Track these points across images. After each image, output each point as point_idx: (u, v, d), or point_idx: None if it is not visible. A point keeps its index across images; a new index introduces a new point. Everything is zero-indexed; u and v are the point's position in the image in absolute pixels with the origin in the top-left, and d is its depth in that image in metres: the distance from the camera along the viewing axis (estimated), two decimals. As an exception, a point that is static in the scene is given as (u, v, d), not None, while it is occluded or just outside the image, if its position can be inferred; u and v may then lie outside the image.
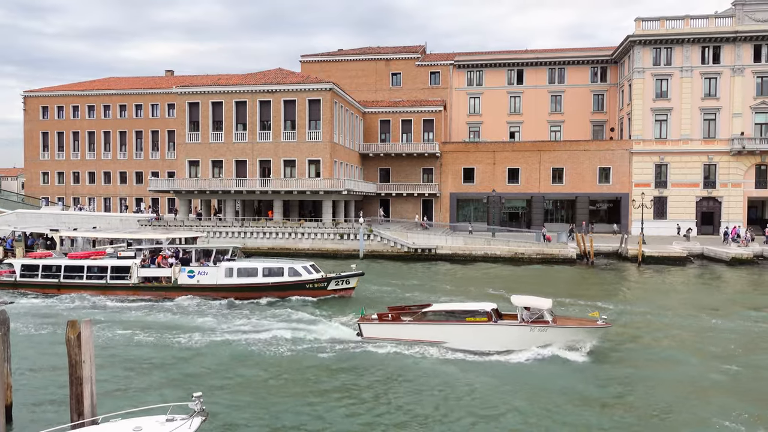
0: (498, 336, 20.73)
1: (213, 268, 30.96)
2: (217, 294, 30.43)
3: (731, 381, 17.92)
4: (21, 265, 33.19)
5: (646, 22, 58.23)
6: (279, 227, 51.40)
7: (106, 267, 31.81)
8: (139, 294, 31.16)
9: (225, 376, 18.30)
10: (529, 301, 21.30)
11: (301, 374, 18.52)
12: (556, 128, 67.44)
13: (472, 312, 21.28)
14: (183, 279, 31.04)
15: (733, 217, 56.81)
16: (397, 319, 22.23)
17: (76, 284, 31.86)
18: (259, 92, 54.15)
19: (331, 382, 17.76)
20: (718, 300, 31.29)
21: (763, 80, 56.82)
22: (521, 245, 47.95)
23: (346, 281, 31.37)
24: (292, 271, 30.74)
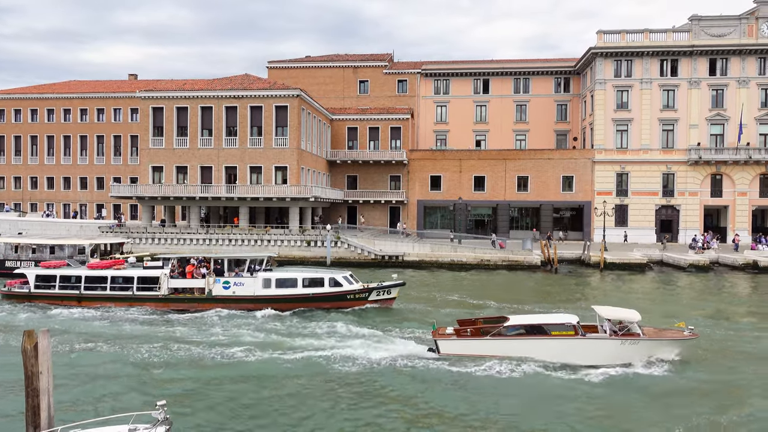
0: (587, 350, 19.73)
1: (250, 279, 29.69)
2: (254, 306, 29.20)
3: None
4: (35, 275, 31.32)
5: (607, 34, 59.82)
6: (245, 234, 50.85)
7: (132, 277, 30.33)
8: (169, 306, 29.72)
9: (306, 401, 16.93)
10: (617, 313, 20.35)
11: (390, 397, 17.22)
12: (521, 137, 68.57)
13: (557, 325, 20.29)
14: (218, 290, 29.67)
15: (690, 224, 58.60)
16: (476, 335, 20.94)
17: (98, 296, 30.26)
18: (226, 98, 53.61)
19: (422, 406, 16.52)
20: (677, 305, 32.20)
21: (718, 93, 58.91)
22: (487, 252, 48.49)
23: (387, 291, 30.51)
24: (333, 281, 29.80)
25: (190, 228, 53.23)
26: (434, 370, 19.35)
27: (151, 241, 51.48)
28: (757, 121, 58.33)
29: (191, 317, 27.99)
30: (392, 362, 20.14)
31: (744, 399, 17.27)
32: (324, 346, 22.20)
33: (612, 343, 19.74)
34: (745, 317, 29.17)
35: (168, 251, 49.94)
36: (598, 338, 19.97)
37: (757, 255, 46.90)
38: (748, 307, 32.17)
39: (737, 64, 58.40)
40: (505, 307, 30.00)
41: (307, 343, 22.73)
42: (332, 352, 21.18)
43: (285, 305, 29.30)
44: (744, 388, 18.18)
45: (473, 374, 18.91)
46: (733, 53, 58.18)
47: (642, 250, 50.94)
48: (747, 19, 58.00)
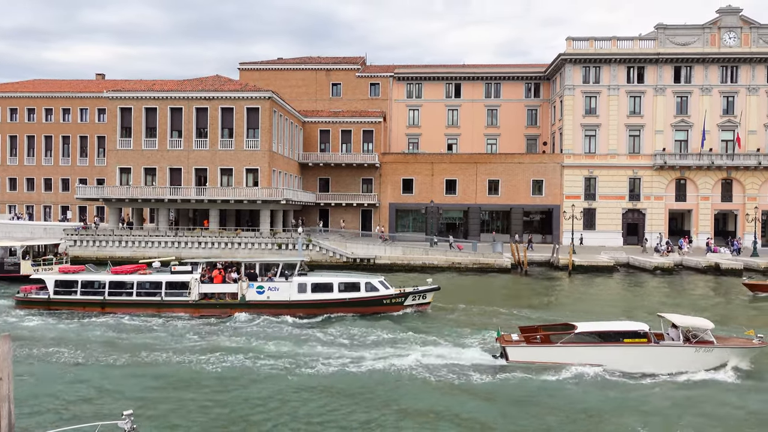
0: (660, 358, 19.40)
1: (285, 284, 29.04)
2: (289, 311, 28.63)
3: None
4: (55, 281, 29.90)
5: (576, 41, 60.92)
6: (215, 237, 50.26)
7: (159, 282, 29.26)
8: (200, 312, 28.83)
9: (384, 411, 16.34)
10: (689, 321, 20.15)
11: (473, 405, 16.86)
12: (492, 141, 69.29)
13: (630, 333, 19.91)
14: (251, 295, 28.93)
15: (655, 228, 59.95)
16: (546, 341, 20.55)
17: (124, 302, 29.15)
18: (196, 99, 52.96)
19: (507, 419, 16.15)
20: (642, 305, 32.94)
21: (683, 100, 60.46)
22: (458, 255, 48.83)
23: (422, 296, 30.20)
24: (369, 286, 29.36)
25: (159, 230, 52.39)
26: (509, 378, 18.94)
27: (118, 243, 50.51)
28: (719, 128, 60.03)
29: (224, 324, 27.05)
30: (460, 370, 19.65)
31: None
32: (383, 354, 21.54)
33: (686, 351, 19.50)
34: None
35: (135, 254, 49.11)
36: (672, 346, 19.68)
37: (719, 258, 48.20)
38: (714, 307, 33.03)
39: (701, 72, 60.05)
40: (484, 309, 30.24)
41: (363, 353, 21.91)
42: (396, 362, 20.47)
43: (320, 310, 28.84)
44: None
45: (548, 382, 18.63)
46: (697, 61, 59.80)
47: (609, 253, 51.90)
48: (710, 28, 59.70)
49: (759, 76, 59.70)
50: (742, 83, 59.82)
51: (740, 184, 59.85)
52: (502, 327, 24.34)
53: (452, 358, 21.03)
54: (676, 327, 20.20)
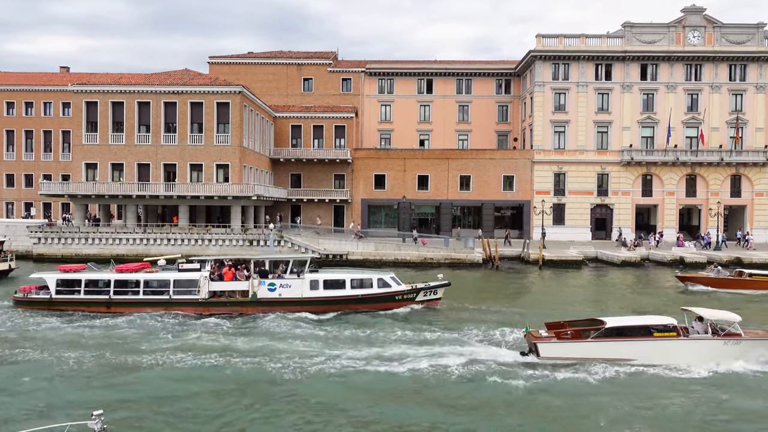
0: (690, 351, 19.58)
1: (297, 281, 28.71)
2: (302, 308, 28.33)
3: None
4: (57, 280, 28.89)
5: (546, 38, 61.61)
6: (185, 234, 49.54)
7: (167, 281, 28.63)
8: (210, 310, 28.23)
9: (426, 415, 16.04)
10: (716, 314, 20.35)
11: (508, 403, 16.86)
12: (463, 137, 69.72)
13: (659, 326, 20.07)
14: (263, 293, 28.54)
15: (623, 222, 61.16)
16: (577, 337, 20.40)
17: (131, 301, 28.42)
18: (164, 93, 52.02)
19: (545, 410, 16.26)
20: (614, 298, 33.64)
21: (649, 97, 61.70)
22: (431, 250, 49.07)
23: (433, 292, 30.25)
24: (381, 282, 29.28)
25: (127, 227, 51.42)
26: (544, 374, 18.83)
27: (84, 241, 49.41)
28: (684, 125, 61.47)
29: (237, 322, 26.57)
30: (490, 367, 19.47)
31: None
32: (415, 353, 21.17)
33: (715, 344, 19.69)
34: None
35: (102, 252, 48.15)
36: (702, 339, 19.86)
37: (684, 252, 49.43)
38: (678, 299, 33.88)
39: (666, 70, 61.35)
40: (481, 307, 30.41)
41: (382, 351, 21.56)
42: (420, 362, 20.10)
43: (333, 307, 28.63)
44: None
45: (582, 377, 18.65)
46: (663, 59, 61.09)
47: (578, 247, 52.77)
48: (675, 27, 61.01)
49: (722, 74, 61.28)
50: (705, 81, 61.33)
51: (704, 179, 61.41)
52: (504, 323, 24.78)
53: (482, 355, 20.84)
54: (701, 320, 20.51)
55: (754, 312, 28.83)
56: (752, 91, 61.22)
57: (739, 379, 18.77)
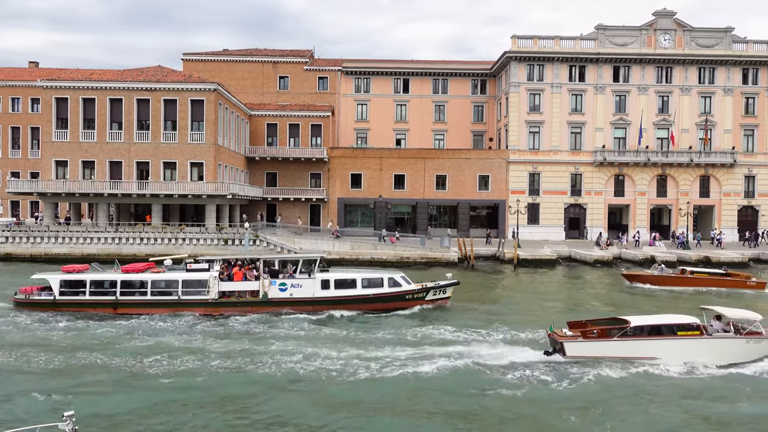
0: (713, 350, 19.85)
1: (308, 280, 28.48)
2: (313, 308, 28.08)
3: None
4: (60, 281, 28.07)
5: (521, 40, 62.23)
6: (158, 233, 48.84)
7: (176, 281, 28.06)
8: (220, 311, 27.82)
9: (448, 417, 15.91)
10: (738, 313, 20.64)
11: (543, 405, 16.78)
12: (439, 137, 70.03)
13: (683, 325, 20.26)
14: (274, 293, 28.27)
15: (596, 222, 62.11)
16: (603, 336, 20.43)
17: (138, 302, 27.80)
18: (137, 90, 51.22)
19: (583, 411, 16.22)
20: (590, 297, 34.17)
21: (621, 99, 62.75)
22: (407, 249, 49.18)
23: (443, 291, 30.23)
24: (392, 281, 29.16)
25: (98, 226, 50.50)
26: (573, 373, 18.90)
27: (54, 240, 48.38)
28: (655, 126, 62.66)
29: (252, 322, 26.23)
30: (516, 368, 19.43)
31: None
32: (437, 353, 21.03)
33: (738, 342, 20.04)
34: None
35: (73, 251, 47.23)
36: (725, 337, 20.17)
37: (655, 251, 50.38)
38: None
39: (638, 72, 62.46)
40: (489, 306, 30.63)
41: (398, 353, 21.28)
42: (452, 362, 20.01)
43: (344, 307, 28.43)
44: None
45: (610, 376, 18.83)
46: (634, 62, 62.17)
47: (552, 246, 53.42)
48: (647, 30, 62.15)
49: (691, 77, 62.61)
50: (676, 84, 62.60)
51: (674, 180, 62.69)
52: (513, 322, 25.15)
53: (505, 355, 20.84)
54: (719, 318, 20.89)
55: (695, 305, 30.01)
56: (720, 93, 62.68)
57: (761, 377, 19.20)
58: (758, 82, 62.85)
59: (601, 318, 22.86)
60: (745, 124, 63.01)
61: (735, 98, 62.79)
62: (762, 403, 17.12)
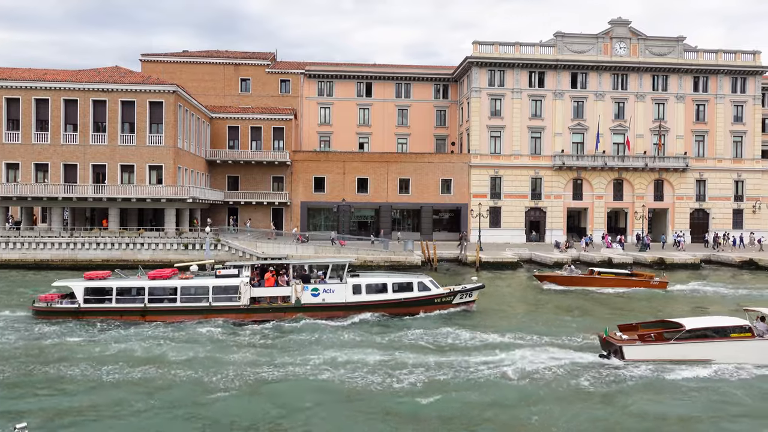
0: (763, 351, 20.31)
1: (340, 285, 28.35)
2: (345, 313, 27.92)
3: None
4: (85, 288, 27.24)
5: (482, 45, 63.14)
6: (115, 237, 47.61)
7: (206, 287, 27.42)
8: (252, 317, 27.34)
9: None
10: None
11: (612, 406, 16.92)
12: (402, 141, 70.37)
13: (735, 327, 20.69)
14: (306, 298, 27.95)
15: (555, 225, 63.37)
16: (660, 339, 20.85)
17: (168, 309, 27.07)
18: (93, 91, 49.89)
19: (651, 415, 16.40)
20: (547, 299, 34.82)
21: (579, 104, 64.29)
22: (370, 253, 49.21)
23: (469, 294, 30.49)
24: (421, 285, 29.26)
25: (52, 231, 48.92)
26: (633, 375, 19.21)
27: (4, 245, 46.63)
28: (612, 132, 64.39)
29: (284, 329, 25.76)
30: (575, 372, 19.62)
31: None
32: (481, 359, 21.05)
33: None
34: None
35: (25, 256, 45.63)
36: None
37: (612, 253, 51.68)
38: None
39: (595, 79, 64.11)
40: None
41: (462, 358, 21.32)
42: (502, 366, 20.05)
43: (375, 311, 28.45)
44: None
45: (671, 378, 19.13)
46: (591, 68, 63.80)
47: (513, 249, 54.24)
48: (603, 38, 63.88)
49: (645, 84, 64.62)
50: (631, 90, 64.50)
51: (630, 184, 64.51)
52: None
53: (562, 358, 21.10)
54: (763, 320, 21.30)
55: (595, 305, 32.09)
56: (673, 100, 64.87)
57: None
58: (708, 89, 65.32)
59: (650, 321, 23.38)
60: (696, 130, 65.35)
61: (687, 105, 65.08)
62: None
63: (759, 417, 16.56)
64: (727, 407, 17.15)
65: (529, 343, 23.30)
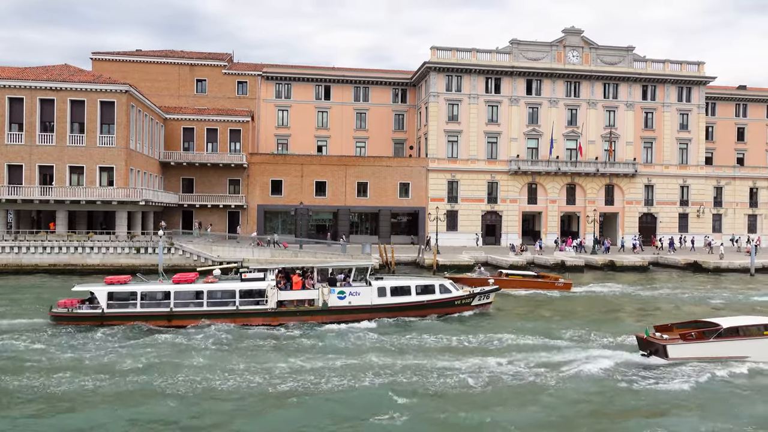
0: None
1: (366, 288, 28.63)
2: (370, 316, 28.15)
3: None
4: (108, 293, 26.62)
5: (440, 51, 63.85)
6: (63, 241, 46.00)
7: (233, 291, 27.13)
8: (279, 320, 27.41)
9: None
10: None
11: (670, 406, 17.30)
12: (361, 144, 70.41)
13: (766, 325, 21.68)
14: (333, 301, 28.07)
15: (511, 229, 64.49)
16: (700, 338, 21.55)
17: (194, 313, 26.75)
18: (41, 89, 48.19)
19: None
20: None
21: (534, 111, 65.68)
22: (328, 256, 48.97)
23: (486, 296, 31.31)
24: (443, 288, 29.78)
25: (-5, 234, 46.91)
26: (678, 373, 19.90)
27: (-58, 249, 44.49)
28: (565, 137, 66.03)
29: (316, 333, 25.77)
30: (619, 370, 20.24)
31: None
32: (529, 360, 21.42)
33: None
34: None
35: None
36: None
37: (564, 255, 52.93)
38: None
39: (549, 86, 65.63)
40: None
41: (501, 359, 21.60)
42: (549, 368, 20.46)
43: (399, 314, 28.83)
44: None
45: (718, 375, 19.82)
46: (546, 76, 65.30)
47: (470, 252, 54.91)
48: (557, 46, 65.48)
49: (597, 91, 66.53)
50: (583, 98, 66.30)
51: (582, 188, 66.23)
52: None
53: (604, 358, 21.60)
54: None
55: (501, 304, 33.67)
56: (623, 108, 66.98)
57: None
58: (656, 98, 67.72)
59: (683, 321, 24.14)
60: (644, 137, 67.64)
61: (636, 113, 67.30)
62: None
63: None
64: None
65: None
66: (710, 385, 19.17)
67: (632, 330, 25.48)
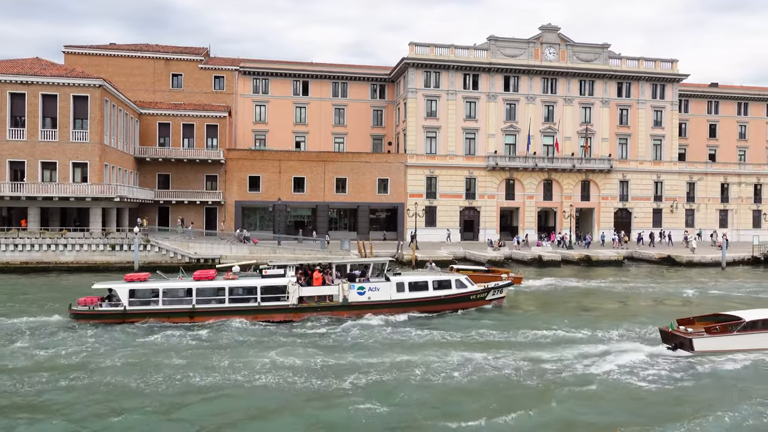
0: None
1: (385, 284, 29.15)
2: (389, 311, 28.68)
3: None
4: (129, 290, 26.78)
5: (418, 47, 63.90)
6: (35, 238, 45.12)
7: (254, 287, 27.59)
8: (300, 316, 27.73)
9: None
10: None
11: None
12: (339, 140, 70.21)
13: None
14: (353, 297, 28.60)
15: (488, 224, 64.95)
16: (724, 331, 22.13)
17: (216, 309, 27.03)
18: (11, 83, 47.08)
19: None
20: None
21: (511, 107, 66.15)
22: (306, 253, 48.83)
23: (500, 291, 31.97)
24: (459, 282, 30.40)
25: (-36, 232, 45.82)
26: (706, 365, 20.51)
27: None
28: (542, 134, 66.64)
29: (338, 330, 25.92)
30: (648, 363, 20.75)
31: None
32: (556, 356, 21.70)
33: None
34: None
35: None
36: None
37: (542, 251, 53.51)
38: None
39: (526, 82, 66.15)
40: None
41: (527, 353, 21.94)
42: (574, 363, 20.77)
43: (417, 308, 29.40)
44: None
45: (744, 367, 20.50)
46: (523, 72, 65.79)
47: (449, 248, 55.17)
48: (534, 43, 65.99)
49: (573, 88, 67.25)
50: (560, 94, 66.95)
51: (558, 184, 66.96)
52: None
53: (631, 352, 22.04)
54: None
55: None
56: (598, 105, 67.82)
57: None
58: (631, 95, 68.69)
59: (704, 315, 24.72)
60: (620, 134, 68.59)
61: (611, 109, 68.19)
62: None
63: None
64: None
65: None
66: (739, 375, 19.88)
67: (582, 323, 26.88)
